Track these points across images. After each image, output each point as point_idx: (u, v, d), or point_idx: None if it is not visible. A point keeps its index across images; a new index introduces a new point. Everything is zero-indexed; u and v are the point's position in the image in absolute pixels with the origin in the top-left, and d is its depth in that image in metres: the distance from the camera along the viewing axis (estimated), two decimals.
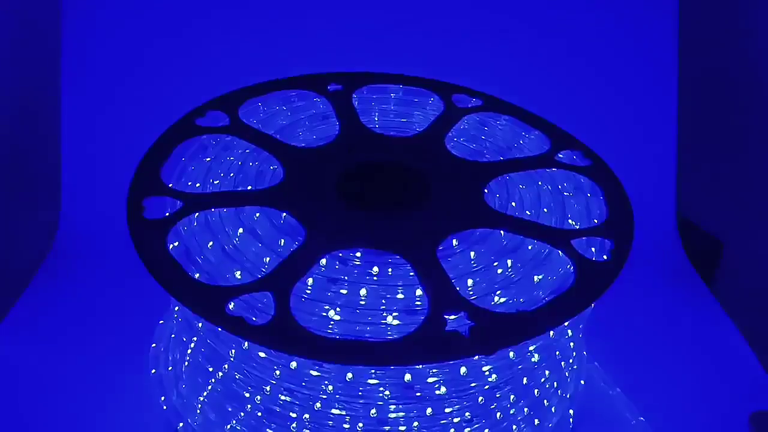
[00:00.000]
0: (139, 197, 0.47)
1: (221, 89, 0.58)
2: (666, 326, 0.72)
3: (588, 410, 0.62)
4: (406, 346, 0.39)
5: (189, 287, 0.42)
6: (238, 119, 0.55)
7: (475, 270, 0.45)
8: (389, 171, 0.53)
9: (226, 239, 0.47)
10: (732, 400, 0.64)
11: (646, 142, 0.86)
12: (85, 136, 0.79)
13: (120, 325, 0.68)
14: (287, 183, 0.50)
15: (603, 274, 0.44)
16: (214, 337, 0.46)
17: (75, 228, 0.78)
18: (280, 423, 0.46)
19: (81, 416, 0.60)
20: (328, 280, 0.44)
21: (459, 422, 0.46)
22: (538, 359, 0.46)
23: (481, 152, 0.57)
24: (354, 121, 0.57)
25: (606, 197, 0.51)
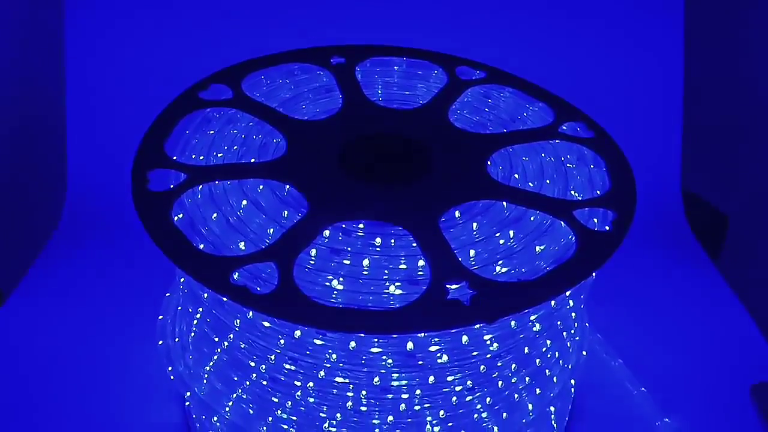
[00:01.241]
0: (144, 170, 0.48)
1: (224, 62, 0.58)
2: (669, 299, 0.73)
3: (590, 381, 0.62)
4: (408, 315, 0.39)
5: (193, 257, 0.42)
6: (241, 92, 0.56)
7: (477, 240, 0.45)
8: (392, 143, 0.53)
9: (229, 211, 0.47)
10: (734, 372, 0.64)
11: (652, 115, 0.86)
12: (90, 110, 0.80)
13: (127, 298, 0.69)
14: (290, 155, 0.51)
15: (605, 244, 0.44)
16: (219, 308, 0.47)
17: (82, 202, 0.78)
18: (285, 391, 0.47)
19: (90, 387, 0.61)
20: (331, 251, 0.44)
21: (461, 390, 0.46)
22: (539, 329, 0.46)
23: (485, 124, 0.57)
24: (357, 94, 0.57)
25: (609, 169, 0.51)
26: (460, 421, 0.48)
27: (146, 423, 0.59)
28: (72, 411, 0.59)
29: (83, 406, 0.60)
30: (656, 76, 0.85)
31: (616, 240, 0.44)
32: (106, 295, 0.70)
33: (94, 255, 0.74)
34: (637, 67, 0.85)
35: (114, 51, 0.80)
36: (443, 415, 0.47)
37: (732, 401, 0.62)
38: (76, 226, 0.77)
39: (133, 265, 0.71)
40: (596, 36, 0.84)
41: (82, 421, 0.58)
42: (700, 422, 0.60)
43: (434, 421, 0.47)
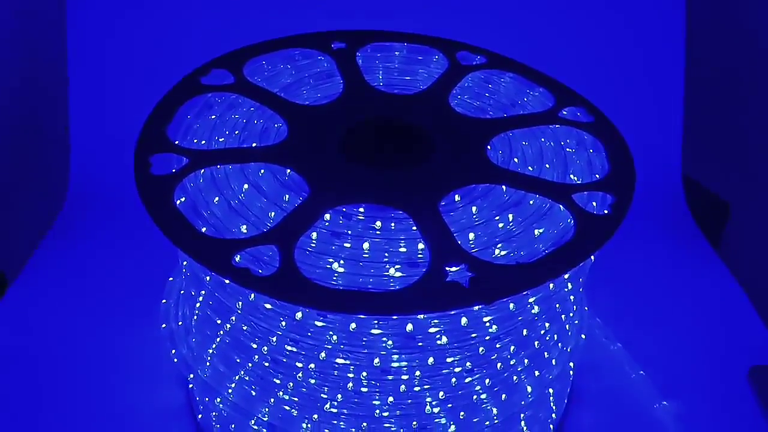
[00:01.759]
0: (146, 154, 0.48)
1: (226, 48, 0.58)
2: (668, 284, 0.73)
3: (589, 364, 0.63)
4: (408, 297, 0.40)
5: (196, 240, 0.43)
6: (242, 77, 0.56)
7: (476, 224, 0.46)
8: (393, 128, 0.54)
9: (231, 195, 0.47)
10: (732, 356, 0.65)
11: (653, 102, 0.86)
12: (93, 95, 0.80)
13: (130, 282, 0.69)
14: (291, 140, 0.51)
15: (603, 227, 0.45)
16: (221, 290, 0.47)
17: (84, 187, 0.79)
18: (287, 373, 0.47)
19: (94, 371, 0.62)
20: (331, 234, 0.45)
21: (460, 372, 0.47)
22: (538, 311, 0.47)
23: (485, 109, 0.57)
24: (358, 79, 0.58)
25: (608, 153, 0.51)
26: (460, 402, 0.48)
27: (150, 405, 0.60)
28: (77, 394, 0.60)
29: (88, 390, 0.60)
30: (657, 62, 0.85)
31: (614, 223, 0.45)
32: (109, 279, 0.70)
33: (97, 240, 0.75)
34: (639, 53, 0.85)
35: (116, 35, 0.81)
36: (443, 396, 0.47)
37: (730, 384, 0.62)
38: (79, 211, 0.78)
39: (136, 249, 0.72)
40: (597, 21, 0.84)
41: (87, 404, 0.59)
42: (698, 405, 0.61)
43: (434, 402, 0.48)
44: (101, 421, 0.58)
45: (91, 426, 0.58)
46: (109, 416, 0.59)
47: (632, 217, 0.77)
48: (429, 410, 0.48)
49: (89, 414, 0.59)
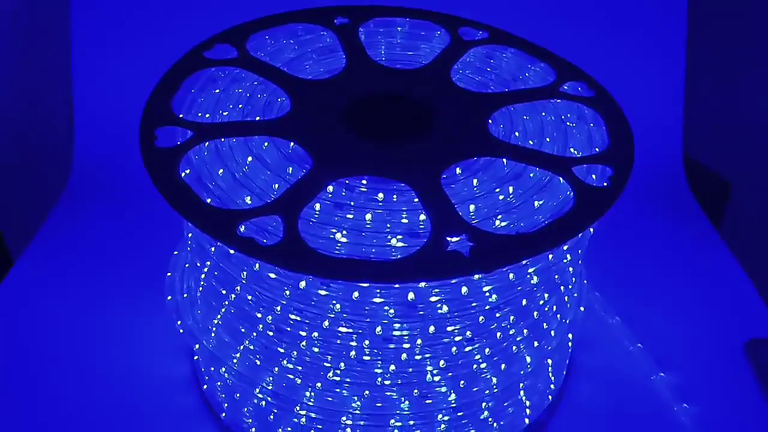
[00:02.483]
0: (151, 127, 0.49)
1: (229, 22, 0.59)
2: (666, 259, 0.74)
3: (587, 337, 0.64)
4: (409, 265, 0.41)
5: (201, 211, 0.44)
6: (246, 52, 0.56)
7: (477, 196, 0.47)
8: (395, 102, 0.54)
9: (235, 167, 0.48)
10: (728, 329, 0.66)
11: (654, 82, 0.86)
12: (97, 70, 0.80)
13: (135, 256, 0.70)
14: (295, 114, 0.52)
15: (602, 199, 0.45)
16: (226, 261, 0.48)
17: (89, 161, 0.79)
18: (291, 342, 0.48)
19: (101, 343, 0.63)
20: (334, 205, 0.46)
21: (460, 341, 0.48)
22: (537, 282, 0.48)
23: (487, 84, 0.57)
24: (360, 54, 0.58)
25: (608, 127, 0.52)
26: (460, 371, 0.49)
27: (156, 377, 0.61)
28: (84, 367, 0.61)
29: (95, 363, 0.62)
30: (659, 42, 0.85)
31: (613, 195, 0.45)
32: (115, 253, 0.71)
33: (103, 214, 0.75)
34: (640, 31, 0.85)
35: (121, 10, 0.81)
36: (443, 365, 0.48)
37: (726, 357, 0.63)
38: (84, 186, 0.78)
39: (142, 224, 0.73)
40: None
41: (94, 377, 0.60)
42: (694, 377, 0.62)
43: (435, 371, 0.48)
44: (108, 393, 0.59)
45: (98, 397, 0.59)
46: (115, 388, 0.60)
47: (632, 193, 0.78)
48: (430, 379, 0.49)
49: (96, 386, 0.60)
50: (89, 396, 0.59)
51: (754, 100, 0.94)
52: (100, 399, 0.59)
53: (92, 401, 0.59)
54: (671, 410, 0.59)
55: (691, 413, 0.59)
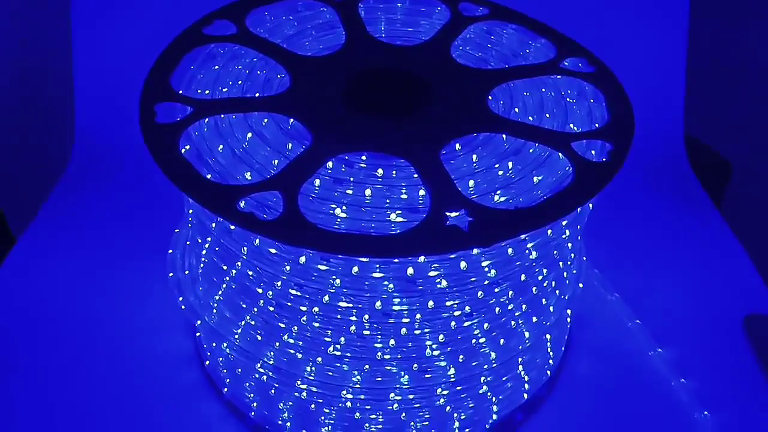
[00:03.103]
0: (151, 103, 0.49)
1: None
2: (666, 236, 0.74)
3: (586, 313, 0.64)
4: (408, 239, 0.41)
5: (201, 186, 0.44)
6: (245, 28, 0.56)
7: (476, 171, 0.47)
8: (395, 78, 0.54)
9: (235, 143, 0.48)
10: (727, 305, 0.66)
11: (656, 60, 0.85)
12: (96, 47, 0.80)
13: (137, 234, 0.71)
14: (294, 90, 0.51)
15: (601, 173, 0.45)
16: (226, 236, 0.48)
17: (91, 138, 0.79)
18: (291, 317, 0.49)
19: (104, 319, 0.64)
20: (334, 180, 0.46)
21: (459, 316, 0.48)
22: (536, 257, 0.48)
23: (487, 60, 0.57)
24: (360, 30, 0.58)
25: (608, 102, 0.52)
26: (459, 346, 0.50)
27: (158, 354, 0.62)
28: (87, 344, 0.62)
29: (98, 340, 0.62)
30: (661, 19, 0.85)
31: (612, 170, 0.46)
32: (116, 231, 0.72)
33: (104, 193, 0.76)
34: (642, 7, 0.84)
35: None
36: (442, 340, 0.49)
37: (725, 333, 0.64)
38: (85, 164, 0.78)
39: (143, 201, 0.73)
40: None
41: (97, 354, 0.61)
42: (693, 353, 0.62)
43: (434, 345, 0.49)
44: (111, 369, 0.60)
45: (101, 374, 0.60)
46: (118, 364, 0.60)
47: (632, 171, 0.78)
48: (429, 353, 0.49)
49: (99, 363, 0.60)
50: (92, 372, 0.60)
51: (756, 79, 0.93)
52: (103, 375, 0.59)
53: (95, 378, 0.59)
54: (669, 385, 0.60)
55: (689, 388, 0.59)
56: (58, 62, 0.84)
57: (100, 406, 0.57)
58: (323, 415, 0.53)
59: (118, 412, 0.57)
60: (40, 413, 0.57)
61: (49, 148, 0.86)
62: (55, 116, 0.86)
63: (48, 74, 0.86)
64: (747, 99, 0.95)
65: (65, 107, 0.82)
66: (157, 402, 0.58)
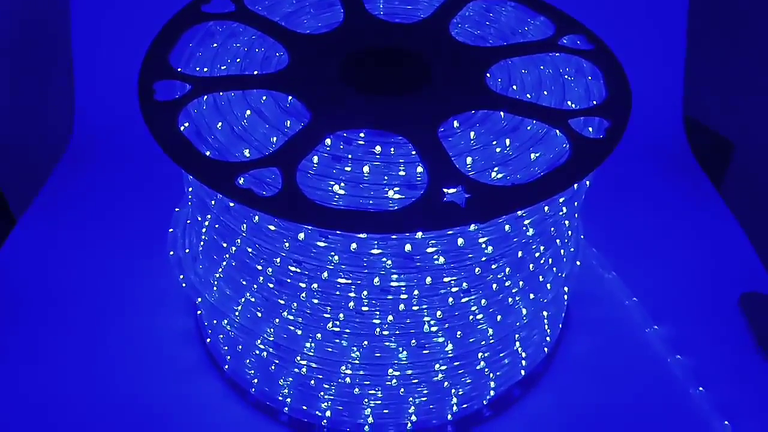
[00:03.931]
0: (150, 81, 0.49)
1: None
2: (663, 215, 0.74)
3: (584, 291, 0.65)
4: (406, 215, 0.41)
5: (200, 163, 0.44)
6: (243, 6, 0.56)
7: (474, 148, 0.47)
8: (393, 56, 0.54)
9: (234, 120, 0.48)
10: (724, 283, 0.67)
11: (655, 39, 0.85)
12: (94, 25, 0.80)
13: (138, 213, 0.71)
14: (293, 68, 0.52)
15: (598, 150, 0.46)
16: (226, 214, 0.49)
17: (91, 117, 0.80)
18: (291, 293, 0.49)
19: (106, 299, 0.64)
20: (332, 158, 0.46)
21: (457, 292, 0.49)
22: (532, 233, 0.48)
23: (485, 38, 0.57)
24: (359, 8, 0.58)
25: (606, 80, 0.52)
26: (457, 322, 0.50)
27: (160, 332, 0.62)
28: (88, 323, 0.62)
29: (99, 319, 0.63)
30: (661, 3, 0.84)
31: (609, 146, 0.46)
32: (117, 211, 0.72)
33: (104, 173, 0.76)
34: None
35: None
36: (440, 316, 0.49)
37: (721, 310, 0.64)
38: (86, 144, 0.79)
39: (143, 181, 0.74)
40: None
41: (99, 333, 0.62)
42: (689, 330, 0.63)
43: (432, 321, 0.49)
44: (112, 348, 0.61)
45: (103, 352, 0.60)
46: (119, 343, 0.61)
47: (630, 151, 0.78)
48: (427, 329, 0.50)
49: (100, 342, 0.61)
50: (94, 351, 0.60)
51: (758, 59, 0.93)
52: (105, 354, 0.60)
53: (97, 356, 0.60)
54: (665, 362, 0.61)
55: (685, 365, 0.60)
56: (57, 42, 0.83)
57: (102, 385, 0.58)
58: (323, 391, 0.53)
59: (120, 391, 0.58)
60: (42, 392, 0.57)
61: (49, 129, 0.86)
62: (55, 96, 0.86)
63: (47, 54, 0.86)
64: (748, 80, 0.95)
65: (64, 87, 0.82)
66: (158, 380, 0.59)
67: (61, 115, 0.83)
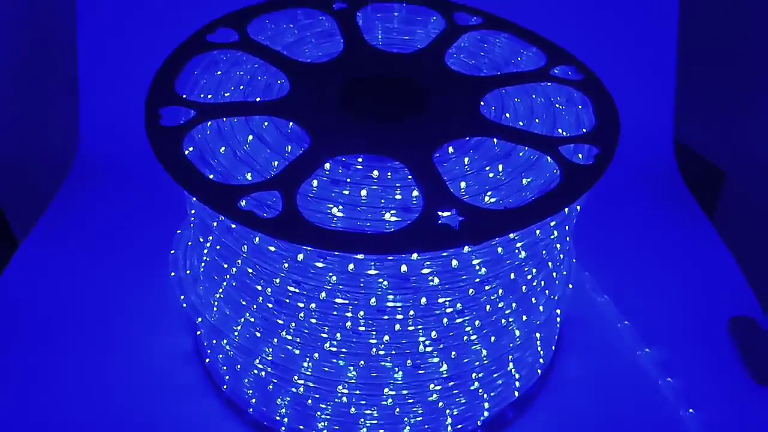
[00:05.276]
0: (156, 107, 0.51)
1: (231, 7, 0.60)
2: (654, 240, 0.76)
3: (577, 314, 0.66)
4: (402, 237, 0.43)
5: (204, 186, 0.46)
6: (247, 36, 0.58)
7: (468, 173, 0.49)
8: (391, 84, 0.56)
9: (237, 145, 0.50)
10: (713, 307, 0.68)
11: (646, 69, 0.87)
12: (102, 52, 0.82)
13: (140, 235, 0.72)
14: (294, 95, 0.53)
15: (587, 176, 0.47)
16: (228, 235, 0.50)
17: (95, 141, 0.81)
18: (289, 313, 0.51)
19: (108, 320, 0.65)
20: (331, 181, 0.48)
21: (451, 313, 0.50)
22: (524, 256, 0.50)
23: (480, 68, 0.59)
24: (358, 38, 0.60)
25: (595, 109, 0.54)
26: (451, 342, 0.51)
27: (161, 352, 0.63)
28: (90, 343, 0.63)
29: (101, 339, 0.64)
30: (651, 27, 0.87)
31: (597, 172, 0.47)
32: (120, 233, 0.73)
33: (108, 196, 0.77)
34: (632, 16, 0.86)
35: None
36: (435, 336, 0.50)
37: (710, 334, 0.66)
38: (89, 167, 0.80)
39: (146, 204, 0.75)
40: None
41: (100, 353, 0.63)
42: (679, 353, 0.64)
43: (427, 341, 0.51)
44: (114, 368, 0.62)
45: (104, 372, 0.61)
46: (120, 363, 0.62)
47: (622, 178, 0.80)
48: (422, 349, 0.51)
49: (102, 361, 0.62)
50: (95, 370, 0.61)
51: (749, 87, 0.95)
52: (106, 373, 0.61)
53: (98, 375, 0.61)
54: (656, 385, 0.62)
55: (676, 388, 0.61)
56: (64, 67, 0.85)
57: (103, 404, 0.59)
58: (319, 410, 0.54)
59: (120, 409, 0.58)
60: (44, 413, 0.58)
61: (54, 151, 0.87)
62: (59, 119, 0.88)
63: (53, 78, 0.88)
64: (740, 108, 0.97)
65: (70, 110, 0.83)
66: (158, 399, 0.60)
67: (64, 137, 0.85)
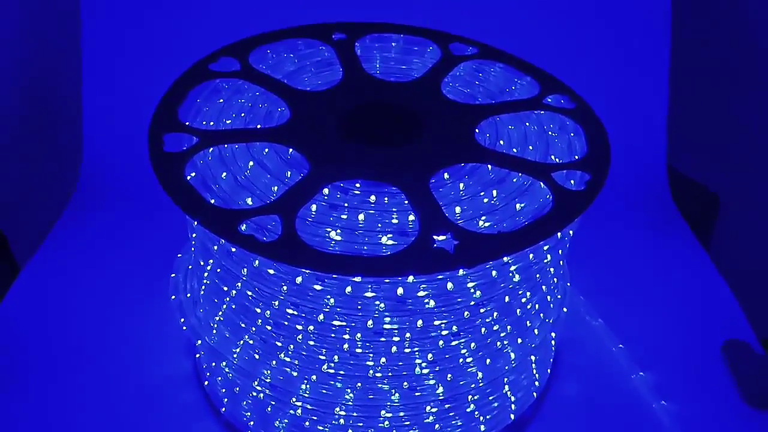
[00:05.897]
0: (160, 133, 0.52)
1: (233, 37, 0.62)
2: (648, 264, 0.77)
3: (572, 337, 0.67)
4: (398, 260, 0.44)
5: (205, 210, 0.47)
6: (248, 65, 0.60)
7: (463, 199, 0.50)
8: (388, 112, 0.58)
9: (238, 171, 0.51)
10: (706, 331, 0.69)
11: (638, 95, 0.89)
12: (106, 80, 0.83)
13: (142, 260, 0.73)
14: (293, 122, 0.55)
15: (579, 201, 0.49)
16: (227, 259, 0.51)
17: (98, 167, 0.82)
18: (288, 335, 0.51)
19: (108, 342, 0.66)
20: (330, 206, 0.49)
21: (447, 335, 0.51)
22: (518, 279, 0.51)
23: (475, 96, 0.61)
24: (356, 67, 0.62)
25: (587, 136, 0.55)
26: (447, 364, 0.52)
27: (161, 374, 0.64)
28: (90, 366, 0.64)
29: (101, 362, 0.64)
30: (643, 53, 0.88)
31: (589, 198, 0.49)
32: (121, 258, 0.74)
33: (110, 221, 0.78)
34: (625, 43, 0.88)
35: (131, 25, 0.84)
36: (431, 359, 0.51)
37: (704, 358, 0.66)
38: (92, 192, 0.81)
39: (147, 229, 0.76)
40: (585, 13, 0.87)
41: (100, 375, 0.63)
42: (673, 376, 0.64)
43: (423, 364, 0.51)
44: (113, 390, 0.62)
45: (103, 394, 0.62)
46: (120, 385, 0.62)
47: (615, 203, 0.81)
48: (419, 371, 0.51)
49: (101, 384, 0.62)
50: (95, 393, 0.62)
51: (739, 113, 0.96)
52: (107, 396, 0.61)
53: (98, 398, 0.61)
54: (651, 408, 0.62)
55: (670, 411, 0.62)
56: (67, 93, 0.87)
57: (103, 426, 0.59)
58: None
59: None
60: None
61: (57, 176, 0.88)
62: (64, 144, 0.89)
63: (57, 104, 0.89)
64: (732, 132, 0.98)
65: (74, 135, 0.85)
66: (157, 422, 0.60)
67: (67, 163, 0.86)
